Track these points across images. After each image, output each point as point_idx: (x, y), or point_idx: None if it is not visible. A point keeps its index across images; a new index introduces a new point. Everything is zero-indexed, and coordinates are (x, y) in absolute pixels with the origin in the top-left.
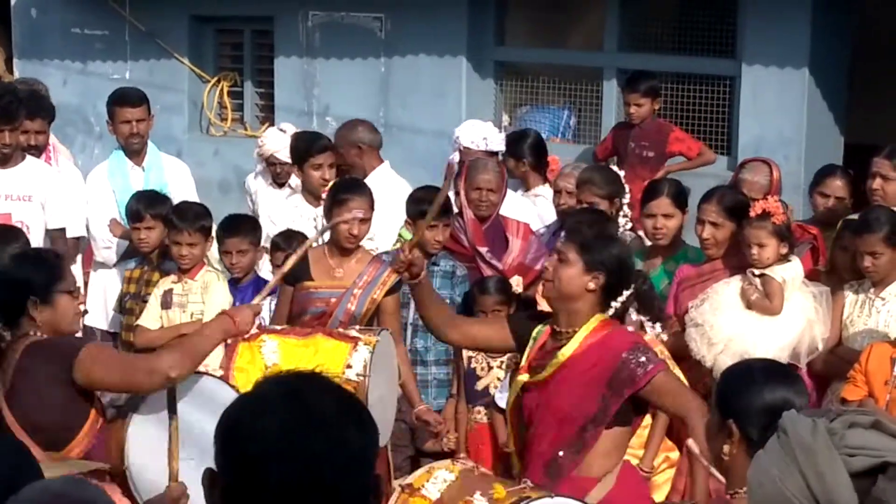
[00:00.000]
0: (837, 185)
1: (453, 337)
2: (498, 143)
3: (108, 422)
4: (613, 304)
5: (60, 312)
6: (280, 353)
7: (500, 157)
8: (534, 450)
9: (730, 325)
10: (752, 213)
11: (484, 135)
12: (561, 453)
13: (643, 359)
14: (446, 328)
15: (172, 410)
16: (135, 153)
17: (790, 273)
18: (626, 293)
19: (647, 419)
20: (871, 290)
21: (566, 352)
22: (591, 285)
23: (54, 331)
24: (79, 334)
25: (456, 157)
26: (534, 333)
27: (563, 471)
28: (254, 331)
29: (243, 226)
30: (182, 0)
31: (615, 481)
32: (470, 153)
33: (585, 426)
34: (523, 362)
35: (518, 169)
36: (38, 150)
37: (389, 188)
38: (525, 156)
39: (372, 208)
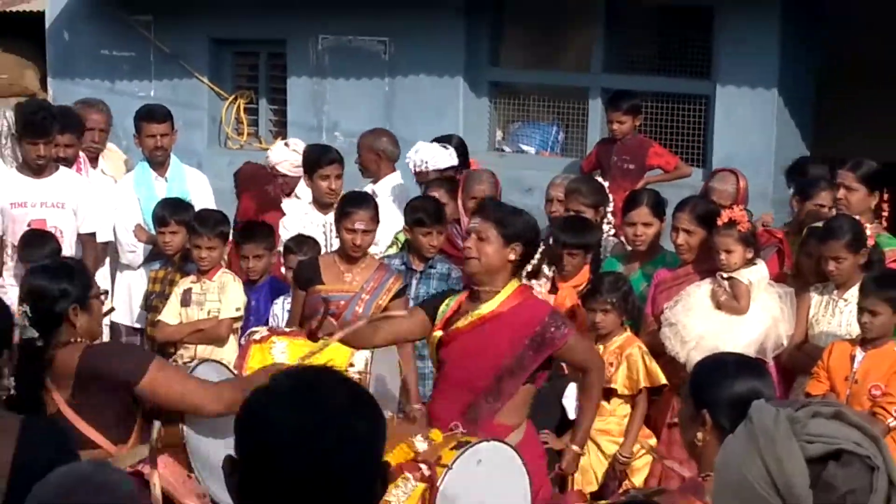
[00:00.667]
0: (824, 196)
1: (378, 342)
2: (443, 161)
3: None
4: (528, 266)
5: (95, 317)
6: (288, 353)
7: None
8: (451, 397)
9: (701, 324)
10: (719, 222)
11: (425, 157)
12: (482, 400)
13: (560, 324)
14: (372, 339)
15: None
16: (159, 165)
17: (756, 276)
18: (536, 257)
19: (627, 409)
20: (835, 292)
21: (487, 307)
22: (512, 256)
23: (90, 334)
24: (106, 334)
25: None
26: (442, 306)
27: (481, 416)
28: (265, 333)
29: (259, 232)
30: (202, 24)
31: (524, 434)
32: (421, 175)
33: (502, 376)
34: (437, 322)
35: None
36: (69, 162)
37: (397, 195)
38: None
39: (375, 220)
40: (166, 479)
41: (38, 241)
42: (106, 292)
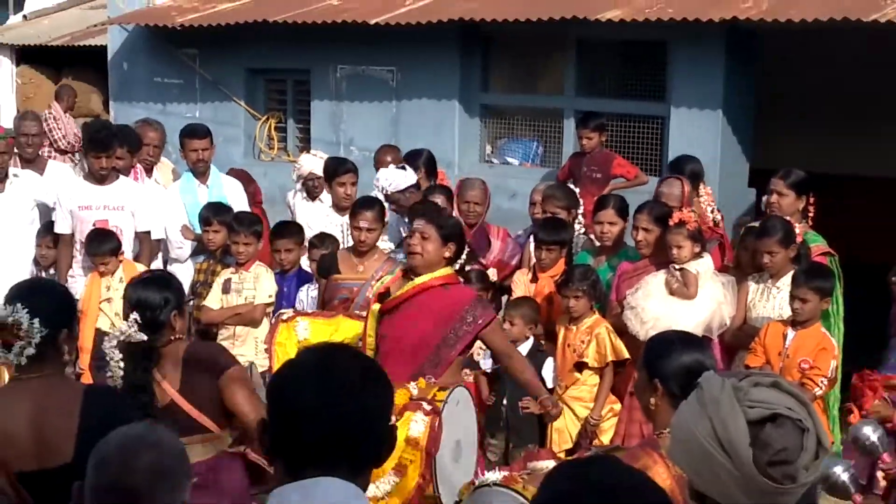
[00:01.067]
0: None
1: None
2: (402, 182)
3: None
4: (458, 262)
5: (185, 318)
6: (310, 329)
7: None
8: (395, 370)
9: (657, 308)
10: (671, 222)
11: (388, 181)
12: (424, 370)
13: (486, 307)
14: None
15: None
16: (201, 174)
17: (703, 267)
18: (463, 255)
19: (596, 379)
20: (769, 280)
21: (420, 280)
22: (447, 254)
23: (184, 332)
24: None
25: None
26: (375, 282)
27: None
28: (291, 314)
29: (290, 230)
30: (239, 56)
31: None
32: (387, 196)
33: (440, 345)
34: (372, 296)
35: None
36: (126, 172)
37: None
38: (419, 167)
39: (380, 220)
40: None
41: (101, 238)
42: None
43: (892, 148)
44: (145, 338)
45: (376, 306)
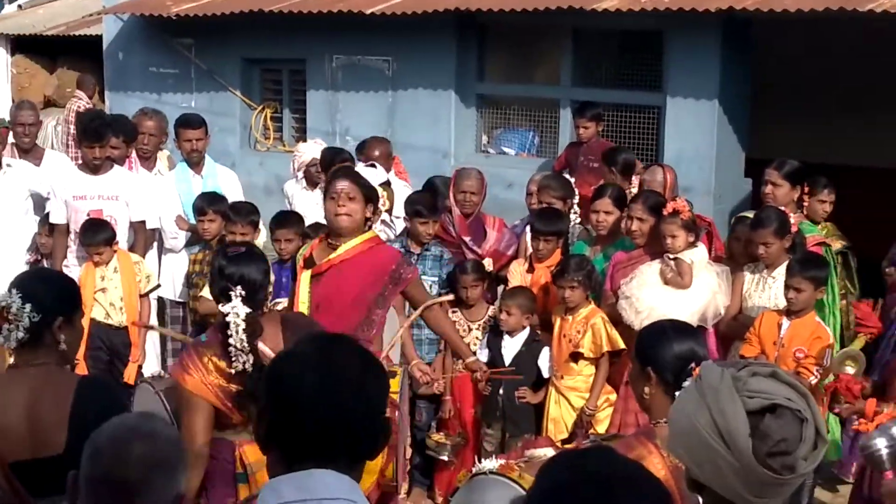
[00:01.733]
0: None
1: None
2: (375, 179)
3: None
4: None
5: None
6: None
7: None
8: (333, 325)
9: (651, 297)
10: (665, 212)
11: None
12: (358, 332)
13: (409, 264)
14: None
15: None
16: (195, 164)
17: (697, 256)
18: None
19: (592, 369)
20: (765, 271)
21: (345, 248)
22: (368, 213)
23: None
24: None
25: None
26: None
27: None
28: (286, 304)
29: (290, 220)
30: (235, 45)
31: None
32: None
33: (371, 308)
34: (298, 265)
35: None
36: (120, 161)
37: (397, 190)
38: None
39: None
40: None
41: (95, 228)
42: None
43: (888, 137)
44: (249, 310)
45: (306, 273)
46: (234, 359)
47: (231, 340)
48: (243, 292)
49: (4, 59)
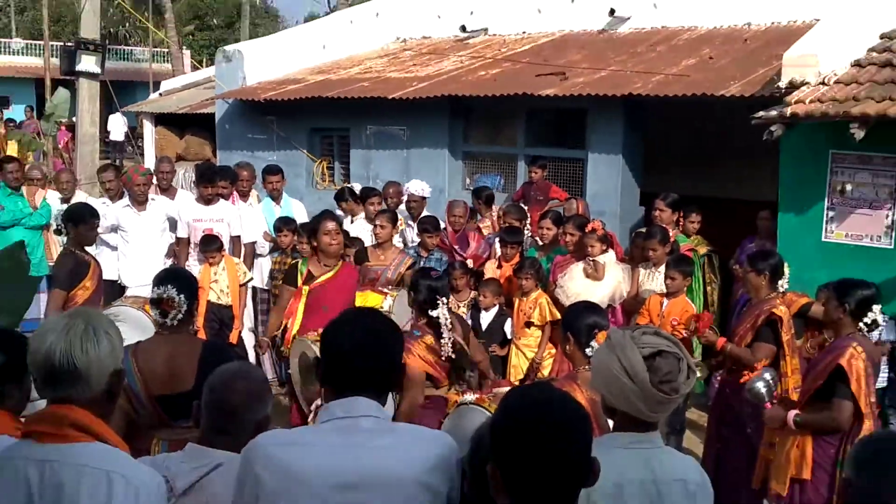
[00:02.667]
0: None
1: (276, 324)
2: (426, 191)
3: None
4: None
5: None
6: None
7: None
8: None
9: (578, 287)
10: (587, 229)
11: (418, 189)
12: None
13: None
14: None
15: None
16: (276, 198)
17: (608, 259)
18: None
19: (539, 333)
20: (653, 267)
21: (334, 271)
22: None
23: None
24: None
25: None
26: (297, 273)
27: None
28: None
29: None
30: (302, 119)
31: None
32: (413, 196)
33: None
34: (300, 283)
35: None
36: (226, 197)
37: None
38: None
39: (391, 222)
40: None
41: (210, 241)
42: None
43: (735, 178)
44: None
45: (306, 288)
46: (444, 345)
47: (444, 334)
48: (446, 301)
49: (150, 129)
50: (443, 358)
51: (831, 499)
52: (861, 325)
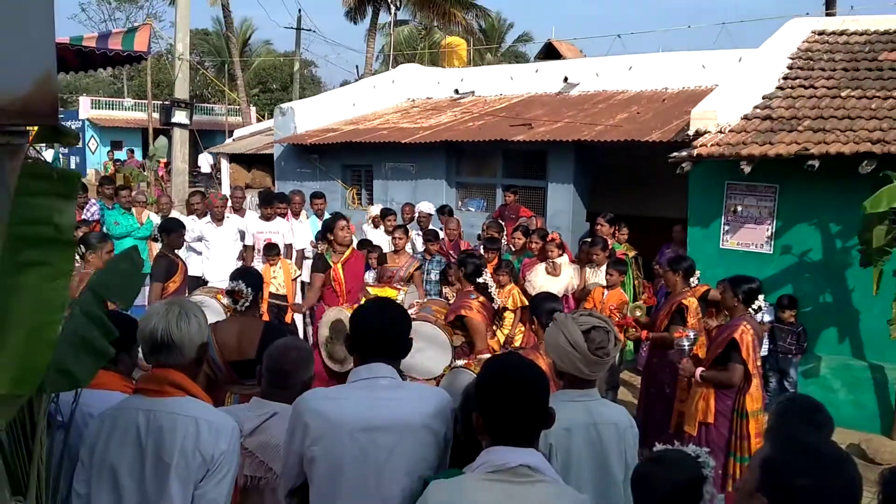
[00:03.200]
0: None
1: (312, 299)
2: (432, 210)
3: None
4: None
5: None
6: (372, 291)
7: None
8: (350, 296)
9: (541, 281)
10: (548, 239)
11: (426, 208)
12: (362, 295)
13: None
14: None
15: None
16: (320, 216)
17: (564, 260)
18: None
19: (512, 315)
20: (596, 267)
21: (347, 253)
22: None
23: None
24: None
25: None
26: (325, 258)
27: None
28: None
29: (364, 244)
30: (338, 157)
31: None
32: (423, 214)
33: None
34: (332, 265)
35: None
36: (282, 215)
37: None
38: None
39: (405, 234)
40: None
41: (270, 248)
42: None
43: (655, 200)
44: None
45: (338, 266)
46: (494, 296)
47: (492, 290)
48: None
49: (226, 165)
50: (494, 308)
51: (730, 438)
52: (750, 309)
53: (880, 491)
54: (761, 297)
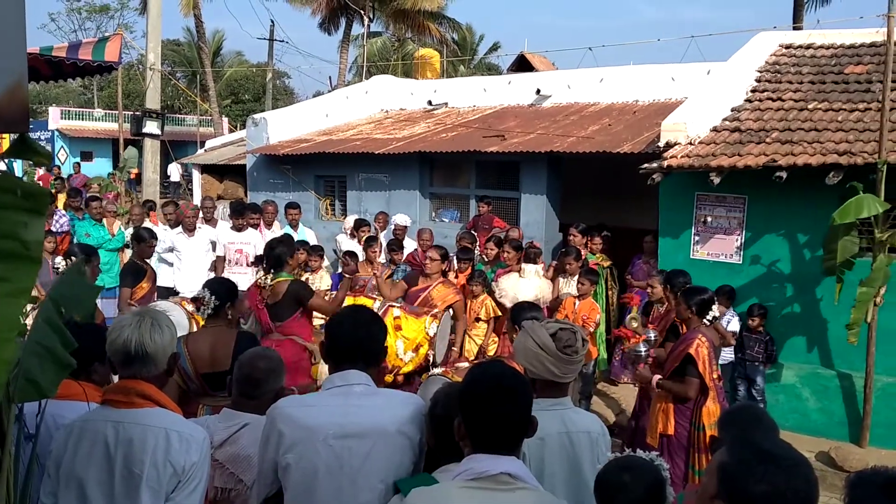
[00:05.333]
0: (579, 241)
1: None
2: (408, 222)
3: None
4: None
5: None
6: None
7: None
8: None
9: (513, 289)
10: (526, 245)
11: (402, 220)
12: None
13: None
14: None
15: None
16: (294, 227)
17: (539, 268)
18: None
19: (485, 326)
20: (570, 277)
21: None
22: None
23: None
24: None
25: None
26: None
27: None
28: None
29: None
30: (311, 168)
31: None
32: (399, 226)
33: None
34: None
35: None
36: (254, 226)
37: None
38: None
39: (378, 248)
40: None
41: (240, 259)
42: None
43: (626, 211)
44: None
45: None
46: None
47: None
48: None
49: (198, 176)
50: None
51: (689, 449)
52: (705, 320)
53: (846, 495)
54: (715, 306)
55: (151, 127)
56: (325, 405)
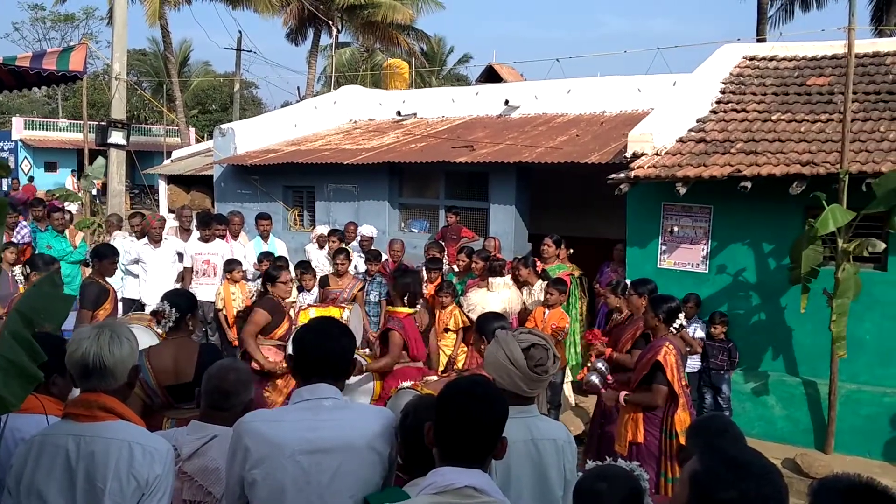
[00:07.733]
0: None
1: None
2: (374, 233)
3: None
4: None
5: None
6: (315, 312)
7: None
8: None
9: (481, 301)
10: (490, 260)
11: (367, 231)
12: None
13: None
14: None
15: None
16: (265, 238)
17: (506, 279)
18: None
19: (454, 336)
20: (535, 288)
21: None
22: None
23: None
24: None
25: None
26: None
27: None
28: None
29: (302, 265)
30: (279, 178)
31: None
32: (365, 237)
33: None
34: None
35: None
36: (221, 237)
37: (357, 250)
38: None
39: (348, 258)
40: None
41: (230, 265)
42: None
43: (594, 221)
44: None
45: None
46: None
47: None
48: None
49: (164, 186)
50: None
51: (660, 457)
52: (672, 328)
53: (809, 502)
54: (682, 314)
55: (117, 137)
56: (293, 420)
